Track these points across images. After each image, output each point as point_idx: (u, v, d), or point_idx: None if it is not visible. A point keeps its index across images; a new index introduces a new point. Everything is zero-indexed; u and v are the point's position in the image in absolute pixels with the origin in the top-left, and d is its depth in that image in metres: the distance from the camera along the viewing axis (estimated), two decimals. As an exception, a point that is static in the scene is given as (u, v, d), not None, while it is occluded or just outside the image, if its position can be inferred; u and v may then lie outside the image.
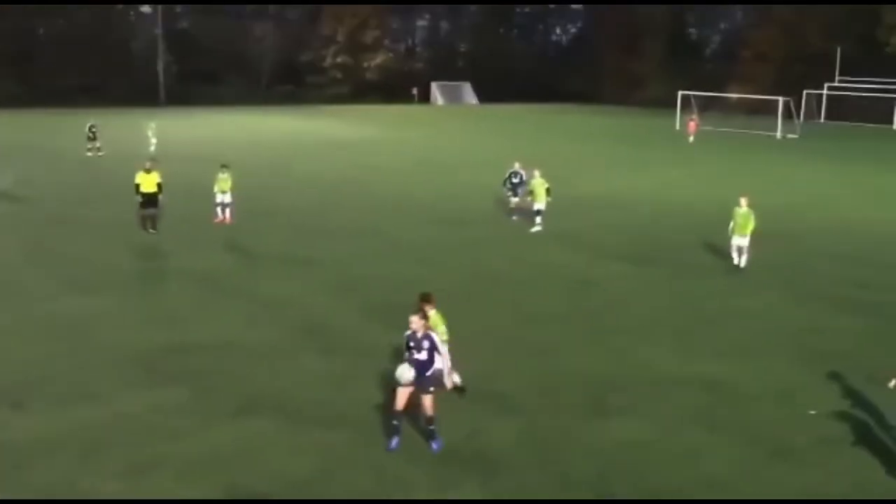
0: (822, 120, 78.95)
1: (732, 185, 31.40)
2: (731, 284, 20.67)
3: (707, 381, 14.17)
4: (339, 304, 18.08)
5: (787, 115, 66.03)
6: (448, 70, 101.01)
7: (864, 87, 75.83)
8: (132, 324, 16.43)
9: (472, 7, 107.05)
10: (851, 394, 13.72)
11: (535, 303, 18.61)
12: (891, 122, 75.76)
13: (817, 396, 13.60)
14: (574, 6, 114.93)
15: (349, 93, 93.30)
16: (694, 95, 70.93)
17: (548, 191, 26.16)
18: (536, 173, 26.51)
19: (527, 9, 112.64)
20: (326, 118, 69.70)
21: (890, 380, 11.91)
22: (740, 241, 21.72)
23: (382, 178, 37.28)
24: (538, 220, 26.15)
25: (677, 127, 66.86)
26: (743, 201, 21.78)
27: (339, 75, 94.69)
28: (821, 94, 79.89)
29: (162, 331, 16.02)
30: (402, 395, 11.31)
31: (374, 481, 10.54)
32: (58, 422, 12.00)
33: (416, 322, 11.57)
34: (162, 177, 24.81)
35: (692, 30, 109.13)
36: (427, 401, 11.32)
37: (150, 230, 24.26)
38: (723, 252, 23.45)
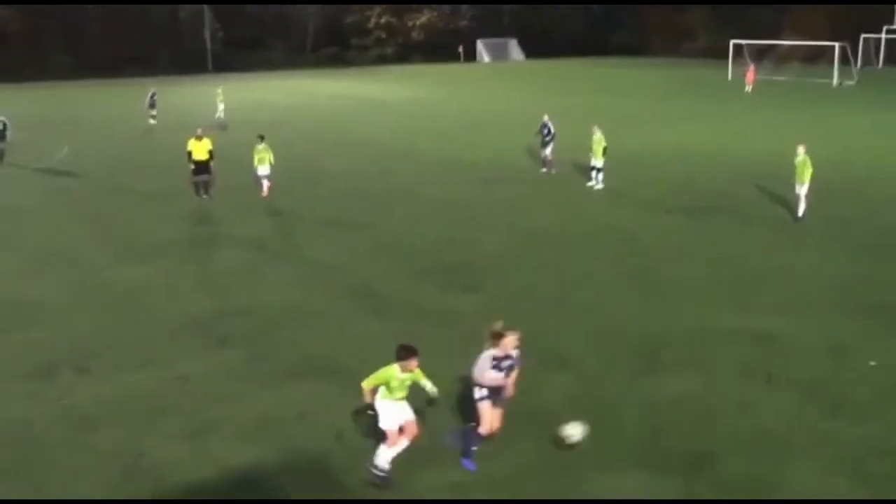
0: (880, 66, 76.60)
1: (789, 135, 30.69)
2: (786, 237, 20.34)
3: (761, 335, 14.03)
4: (388, 267, 18.20)
5: (844, 61, 64.18)
6: (493, 27, 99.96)
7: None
8: (186, 290, 16.74)
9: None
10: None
11: (584, 260, 18.52)
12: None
13: (874, 349, 13.38)
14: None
15: (394, 53, 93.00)
16: (746, 44, 69.26)
17: (604, 150, 25.91)
18: (595, 129, 26.27)
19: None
20: (372, 80, 69.64)
21: None
22: (798, 188, 21.42)
23: (428, 139, 37.20)
24: (596, 176, 25.97)
25: (730, 78, 65.46)
26: (800, 149, 21.47)
27: (383, 35, 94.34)
28: (879, 39, 77.37)
29: (215, 296, 16.31)
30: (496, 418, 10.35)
31: (431, 440, 10.64)
32: (120, 386, 12.34)
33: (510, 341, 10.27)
34: (213, 144, 25.06)
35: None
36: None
37: (203, 196, 24.63)
38: (778, 203, 23.10)
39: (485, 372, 10.07)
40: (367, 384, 9.81)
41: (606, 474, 9.90)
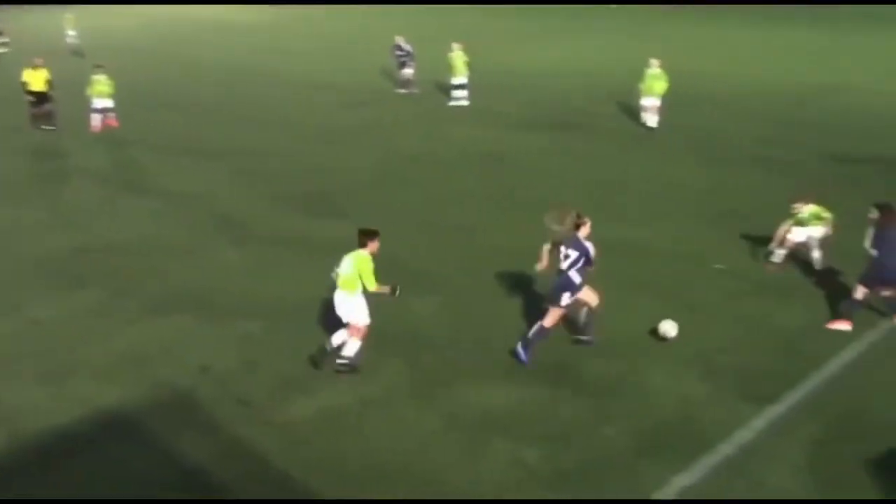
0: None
1: (648, 50, 31.38)
2: (643, 149, 21.00)
3: (624, 244, 14.52)
4: (249, 195, 17.81)
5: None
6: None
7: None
8: (37, 229, 15.92)
9: None
10: (753, 249, 14.29)
11: (450, 180, 18.63)
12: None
13: (723, 254, 14.11)
14: None
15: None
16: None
17: (466, 65, 25.87)
18: (455, 46, 26.12)
19: None
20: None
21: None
22: (650, 101, 22.06)
23: (287, 62, 36.21)
24: (458, 94, 25.94)
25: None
26: (654, 62, 22.05)
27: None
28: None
29: (69, 234, 15.59)
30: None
31: (299, 367, 10.63)
32: (-32, 334, 11.71)
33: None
34: (54, 73, 23.62)
35: None
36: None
37: (45, 127, 23.28)
38: (635, 117, 23.76)
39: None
40: (375, 286, 10.24)
41: (474, 387, 10.14)
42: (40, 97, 23.30)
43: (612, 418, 9.49)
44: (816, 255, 13.37)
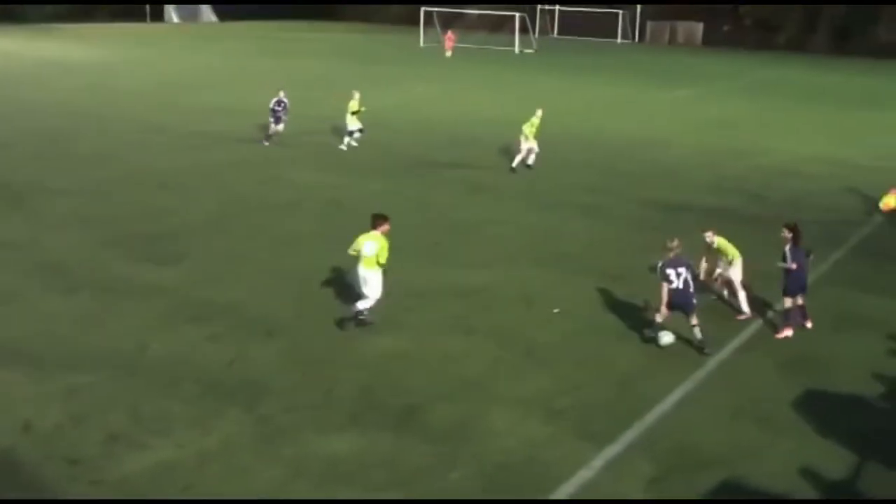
0: (555, 35, 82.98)
1: (479, 99, 32.45)
2: (483, 195, 21.53)
3: (462, 289, 14.77)
4: (79, 240, 16.91)
5: (524, 30, 68.78)
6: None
7: (590, 4, 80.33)
8: None
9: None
10: (585, 291, 14.89)
11: (288, 226, 18.39)
12: (615, 37, 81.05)
13: (558, 297, 14.61)
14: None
15: (68, 11, 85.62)
16: (436, 12, 71.94)
17: (358, 113, 25.98)
18: (356, 94, 26.20)
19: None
20: (49, 39, 63.76)
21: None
22: (524, 144, 24.00)
23: (119, 102, 34.86)
24: (350, 139, 26.33)
25: (422, 44, 67.68)
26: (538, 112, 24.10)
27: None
28: (553, 10, 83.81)
29: None
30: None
31: (130, 421, 10.11)
32: None
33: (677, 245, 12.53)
34: None
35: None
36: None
37: None
38: (473, 164, 24.38)
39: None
40: (386, 261, 12.64)
41: (319, 436, 9.96)
42: None
43: (457, 462, 9.54)
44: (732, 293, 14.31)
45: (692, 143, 29.54)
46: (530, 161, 24.26)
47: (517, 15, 68.34)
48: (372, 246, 12.62)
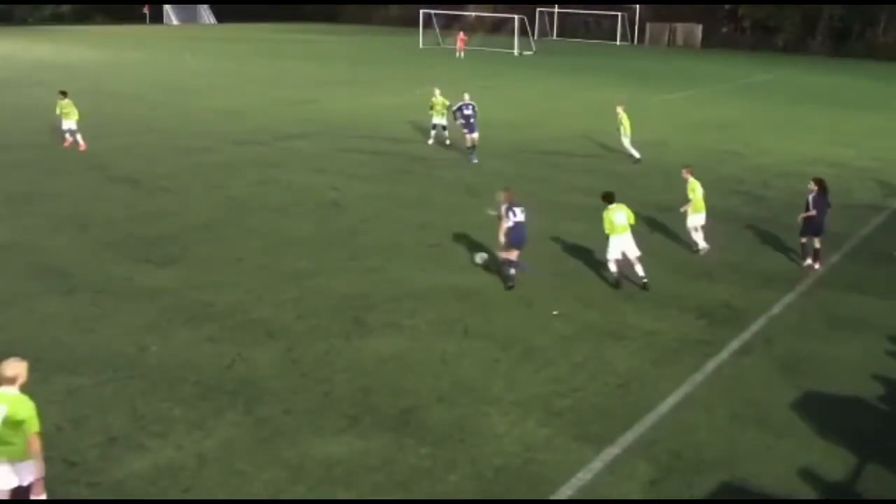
0: (554, 37, 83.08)
1: (487, 98, 32.39)
2: (472, 197, 21.49)
3: (459, 291, 14.77)
4: (76, 242, 16.91)
5: (524, 33, 68.89)
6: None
7: (590, 5, 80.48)
8: None
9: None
10: (583, 293, 14.90)
11: (287, 227, 18.39)
12: (614, 39, 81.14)
13: (556, 298, 14.61)
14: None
15: (71, 12, 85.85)
16: (435, 13, 72.04)
17: (449, 107, 27.09)
18: (437, 90, 27.41)
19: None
20: (47, 41, 63.78)
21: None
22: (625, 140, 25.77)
23: (117, 104, 34.87)
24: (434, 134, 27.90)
25: (421, 45, 67.75)
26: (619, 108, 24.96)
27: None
28: (552, 12, 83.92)
29: None
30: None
31: (129, 422, 10.12)
32: None
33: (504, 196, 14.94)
34: None
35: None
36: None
37: None
38: (469, 166, 24.37)
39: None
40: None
41: (317, 438, 9.96)
42: None
43: (455, 465, 9.54)
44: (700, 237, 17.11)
45: (688, 144, 29.54)
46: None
47: (516, 17, 68.41)
48: (623, 214, 14.93)
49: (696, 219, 17.04)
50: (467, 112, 25.31)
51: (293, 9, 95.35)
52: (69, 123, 25.42)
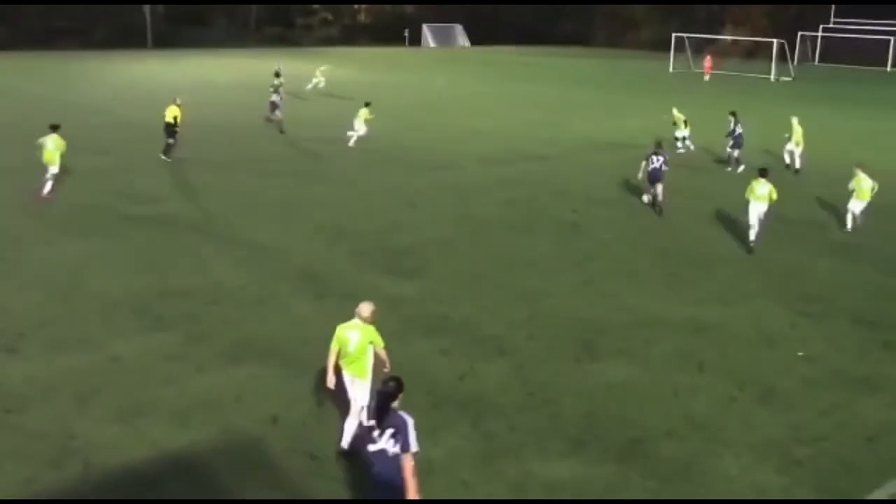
0: (816, 62, 78.43)
1: (713, 125, 31.25)
2: (716, 227, 20.72)
3: (696, 324, 14.30)
4: (329, 249, 18.09)
5: (782, 57, 65.61)
6: (439, 12, 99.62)
7: (858, 28, 75.28)
8: (122, 269, 16.40)
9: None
10: (835, 336, 13.91)
11: (524, 248, 18.64)
12: (885, 65, 75.31)
13: (802, 338, 13.76)
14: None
15: (340, 35, 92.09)
16: (688, 37, 70.29)
17: (685, 122, 30.47)
18: (674, 110, 30.29)
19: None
20: (317, 60, 68.75)
21: None
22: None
23: (377, 121, 36.91)
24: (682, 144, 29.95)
25: (671, 69, 66.36)
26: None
27: (329, 17, 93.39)
28: (815, 37, 79.30)
29: (152, 276, 16.01)
30: None
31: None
32: (52, 366, 12.06)
33: None
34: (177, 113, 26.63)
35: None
36: None
37: (162, 157, 26.47)
38: (719, 193, 23.54)
39: None
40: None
41: (541, 460, 10.00)
42: (168, 128, 26.57)
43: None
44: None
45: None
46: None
47: (775, 41, 65.28)
48: (764, 187, 18.32)
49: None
50: (739, 131, 27.38)
51: (545, 31, 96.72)
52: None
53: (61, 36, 71.63)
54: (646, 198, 22.48)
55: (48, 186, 21.23)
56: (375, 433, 7.72)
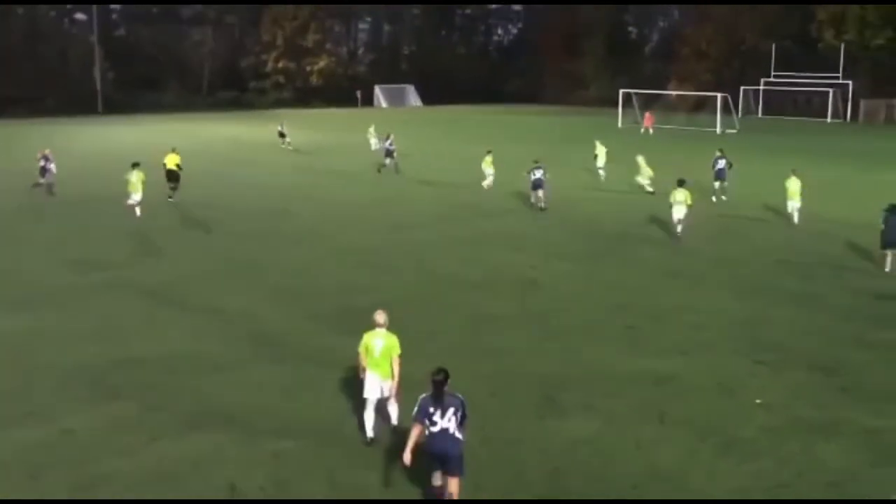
0: (759, 115, 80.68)
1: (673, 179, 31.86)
2: (679, 279, 20.98)
3: (656, 376, 14.37)
4: (287, 313, 17.94)
5: (726, 110, 67.41)
6: (391, 73, 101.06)
7: (798, 81, 77.73)
8: (75, 339, 16.08)
9: (414, 9, 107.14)
10: (793, 383, 14.06)
11: (484, 304, 18.66)
12: (825, 116, 77.67)
13: (761, 387, 13.88)
14: (514, 7, 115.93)
15: (292, 97, 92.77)
16: (635, 93, 71.95)
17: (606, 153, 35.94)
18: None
19: (468, 10, 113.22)
20: (271, 123, 68.97)
21: None
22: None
23: (327, 182, 37.06)
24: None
25: (619, 125, 67.72)
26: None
27: (281, 80, 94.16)
28: (757, 90, 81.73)
29: (106, 345, 15.71)
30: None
31: (327, 488, 10.49)
32: (2, 442, 11.71)
33: None
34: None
35: (631, 28, 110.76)
36: None
37: (170, 199, 30.26)
38: (664, 245, 23.87)
39: None
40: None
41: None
42: (170, 174, 31.12)
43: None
44: None
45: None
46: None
47: (719, 95, 67.13)
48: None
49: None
50: (720, 165, 32.20)
51: (497, 88, 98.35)
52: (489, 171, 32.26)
53: (10, 104, 71.13)
54: (533, 198, 29.57)
55: None
56: (436, 415, 9.32)
